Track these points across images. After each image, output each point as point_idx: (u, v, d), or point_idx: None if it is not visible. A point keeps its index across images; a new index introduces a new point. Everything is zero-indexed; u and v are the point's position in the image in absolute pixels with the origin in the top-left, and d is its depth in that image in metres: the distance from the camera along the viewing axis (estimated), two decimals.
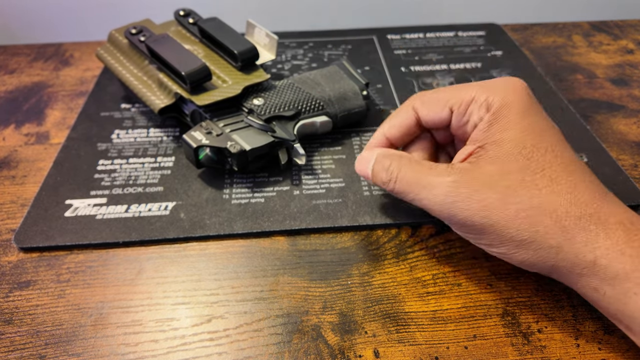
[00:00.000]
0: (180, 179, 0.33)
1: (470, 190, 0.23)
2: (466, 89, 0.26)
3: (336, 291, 0.26)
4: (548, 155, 0.23)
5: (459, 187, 0.23)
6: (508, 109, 0.24)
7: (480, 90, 0.25)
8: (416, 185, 0.25)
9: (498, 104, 0.24)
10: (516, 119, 0.24)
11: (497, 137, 0.24)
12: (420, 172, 0.25)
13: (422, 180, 0.25)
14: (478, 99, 0.25)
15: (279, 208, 0.31)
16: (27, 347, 0.24)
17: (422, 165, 0.26)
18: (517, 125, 0.23)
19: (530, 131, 0.23)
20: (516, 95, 0.24)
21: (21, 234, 0.29)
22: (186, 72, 0.32)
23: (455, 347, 0.24)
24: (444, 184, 0.24)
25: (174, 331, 0.25)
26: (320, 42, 0.50)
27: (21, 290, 0.27)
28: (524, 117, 0.24)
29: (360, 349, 0.24)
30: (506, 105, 0.24)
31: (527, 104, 0.24)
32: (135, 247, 0.29)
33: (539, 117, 0.24)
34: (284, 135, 0.32)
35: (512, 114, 0.24)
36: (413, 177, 0.25)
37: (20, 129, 0.39)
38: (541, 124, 0.24)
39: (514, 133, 0.23)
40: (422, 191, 0.25)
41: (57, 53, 0.49)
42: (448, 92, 0.27)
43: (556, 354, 0.24)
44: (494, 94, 0.25)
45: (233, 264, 0.28)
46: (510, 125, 0.24)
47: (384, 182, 0.27)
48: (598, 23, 0.55)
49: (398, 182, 0.26)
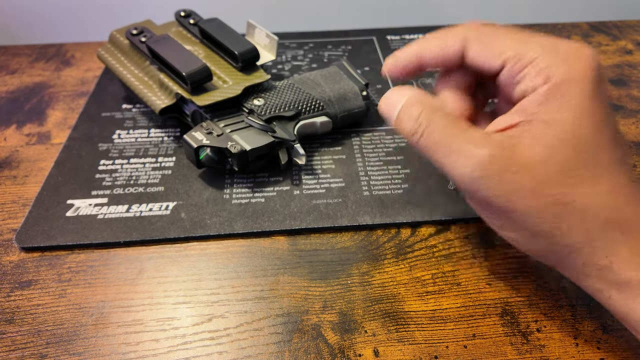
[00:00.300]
0: (181, 179, 0.33)
1: (504, 171, 0.20)
2: (530, 45, 0.21)
3: (336, 291, 0.27)
4: (598, 151, 0.20)
5: (493, 163, 0.20)
6: (570, 86, 0.20)
7: (544, 53, 0.21)
8: (445, 147, 0.21)
9: (559, 78, 0.20)
10: (577, 101, 0.20)
11: (549, 116, 0.20)
12: (452, 134, 0.21)
13: (453, 144, 0.21)
14: (539, 63, 0.21)
15: (279, 208, 0.31)
16: (28, 347, 0.24)
17: (456, 125, 0.22)
18: (576, 108, 0.20)
19: (589, 118, 0.20)
20: (584, 70, 0.20)
21: (22, 234, 0.29)
22: (187, 72, 0.32)
23: (455, 346, 0.24)
24: (477, 155, 0.20)
25: (174, 330, 0.25)
26: (320, 42, 0.50)
27: (22, 289, 0.27)
28: (586, 99, 0.20)
29: (360, 348, 0.24)
30: (569, 81, 0.20)
31: (594, 85, 0.20)
32: (136, 246, 0.29)
33: (603, 103, 0.20)
34: (284, 136, 0.32)
35: (574, 93, 0.20)
36: (443, 137, 0.22)
37: (22, 129, 0.39)
38: (602, 112, 0.20)
39: (570, 117, 0.20)
40: (450, 156, 0.21)
41: (58, 53, 0.49)
42: (508, 39, 0.22)
43: (555, 353, 0.24)
44: (559, 63, 0.20)
45: (233, 264, 0.28)
46: (569, 107, 0.20)
47: (408, 132, 0.23)
48: (597, 24, 0.55)
49: (425, 137, 0.22)
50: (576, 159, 0.20)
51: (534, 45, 0.21)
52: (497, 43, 0.22)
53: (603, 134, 0.20)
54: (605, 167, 0.20)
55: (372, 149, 0.36)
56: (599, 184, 0.20)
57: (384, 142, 0.37)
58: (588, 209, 0.20)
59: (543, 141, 0.20)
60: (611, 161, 0.20)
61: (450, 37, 0.24)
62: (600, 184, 0.20)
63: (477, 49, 0.23)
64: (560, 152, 0.20)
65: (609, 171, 0.20)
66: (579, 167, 0.20)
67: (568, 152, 0.20)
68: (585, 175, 0.20)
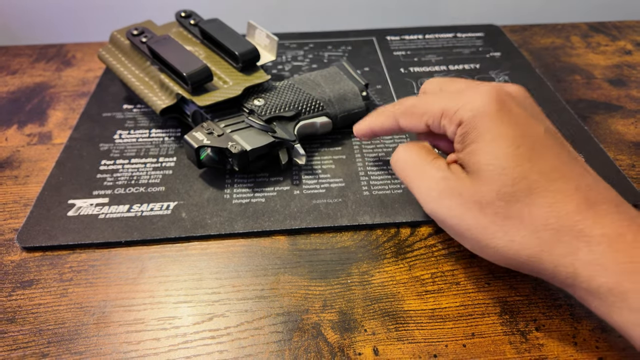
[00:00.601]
0: (181, 179, 0.33)
1: (454, 191, 0.23)
2: (438, 102, 0.26)
3: (336, 290, 0.27)
4: (525, 164, 0.22)
5: (446, 185, 0.24)
6: (477, 119, 0.23)
7: (449, 104, 0.25)
8: (415, 171, 0.26)
9: (467, 117, 0.24)
10: (485, 129, 0.23)
11: (470, 148, 0.24)
12: (422, 161, 0.26)
13: (421, 169, 0.26)
14: (447, 113, 0.25)
15: (280, 208, 0.31)
16: (29, 346, 0.24)
17: (427, 155, 0.26)
18: (487, 135, 0.23)
19: (503, 140, 0.22)
20: (485, 103, 0.23)
21: (24, 234, 0.29)
22: (187, 73, 0.32)
23: (454, 345, 0.24)
24: (435, 178, 0.24)
25: (175, 329, 0.25)
26: (320, 43, 0.50)
27: (24, 289, 0.27)
28: (494, 125, 0.23)
29: (360, 346, 0.24)
30: (475, 117, 0.23)
31: (497, 111, 0.23)
32: (137, 246, 0.29)
33: (514, 123, 0.23)
34: (285, 136, 0.32)
35: (482, 123, 0.23)
36: (415, 162, 0.26)
37: (23, 129, 0.39)
38: (517, 129, 0.23)
39: (484, 144, 0.23)
40: (418, 179, 0.25)
41: (59, 54, 0.50)
42: (422, 104, 0.27)
43: (554, 352, 0.24)
44: (463, 106, 0.24)
45: (234, 263, 0.28)
46: (480, 136, 0.23)
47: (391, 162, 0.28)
48: (596, 24, 0.56)
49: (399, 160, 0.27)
50: (507, 178, 0.22)
51: (442, 101, 0.26)
52: (416, 112, 0.27)
53: (523, 148, 0.22)
54: (537, 179, 0.21)
55: (372, 149, 0.36)
56: (538, 196, 0.21)
57: (384, 142, 0.37)
58: (535, 221, 0.21)
59: (474, 168, 0.23)
60: (541, 171, 0.22)
61: (385, 118, 0.29)
62: (538, 196, 0.21)
63: (405, 122, 0.28)
64: (489, 174, 0.22)
65: (546, 181, 0.21)
66: (511, 184, 0.22)
67: (495, 173, 0.22)
68: (521, 191, 0.22)
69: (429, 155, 0.26)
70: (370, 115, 0.31)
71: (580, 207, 0.21)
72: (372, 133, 0.31)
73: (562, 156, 0.23)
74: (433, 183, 0.24)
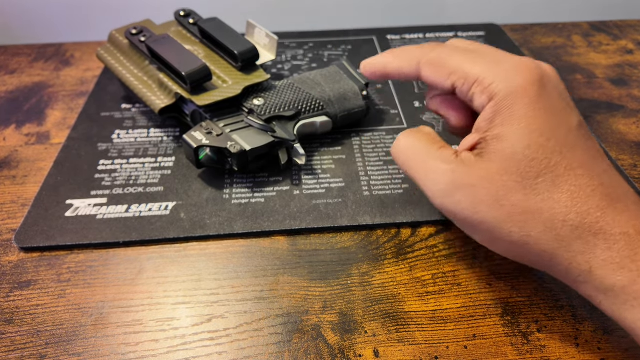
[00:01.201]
0: (180, 179, 0.33)
1: (465, 184, 0.22)
2: (473, 64, 0.23)
3: (336, 291, 0.27)
4: (555, 157, 0.21)
5: (455, 178, 0.22)
6: (513, 100, 0.21)
7: (486, 72, 0.22)
8: (419, 164, 0.24)
9: (502, 93, 0.21)
10: (522, 113, 0.21)
11: (499, 131, 0.21)
12: (426, 153, 0.23)
13: (426, 161, 0.23)
14: (482, 81, 0.22)
15: (279, 208, 0.31)
16: (27, 347, 0.24)
17: (432, 143, 0.24)
18: (523, 120, 0.21)
19: (537, 127, 0.21)
20: (524, 84, 0.21)
21: (22, 234, 0.29)
22: (186, 72, 0.32)
23: (455, 347, 0.24)
24: (442, 171, 0.22)
25: (174, 331, 0.25)
26: (320, 42, 0.50)
27: (22, 290, 0.27)
28: (530, 110, 0.21)
29: (360, 348, 0.24)
30: (512, 95, 0.21)
31: (537, 95, 0.21)
32: (136, 247, 0.29)
33: (551, 111, 0.21)
34: (284, 136, 0.32)
35: (518, 105, 0.21)
36: (418, 155, 0.24)
37: (21, 129, 0.39)
38: (553, 119, 0.21)
39: (517, 129, 0.21)
40: (424, 172, 0.23)
41: (58, 53, 0.49)
42: (455, 60, 0.24)
43: (556, 353, 0.24)
44: (500, 79, 0.22)
45: (233, 264, 0.28)
46: (514, 119, 0.21)
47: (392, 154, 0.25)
48: (597, 23, 0.55)
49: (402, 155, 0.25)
50: (532, 168, 0.21)
51: (478, 65, 0.23)
52: (445, 65, 0.24)
53: (556, 139, 0.21)
54: (563, 173, 0.21)
55: (372, 148, 0.36)
56: (559, 190, 0.20)
57: (384, 142, 0.36)
58: (553, 217, 0.20)
59: (498, 155, 0.21)
60: (570, 166, 0.21)
61: (405, 61, 0.26)
62: (560, 190, 0.20)
63: (428, 72, 0.25)
64: (515, 163, 0.21)
65: (571, 176, 0.21)
66: (536, 176, 0.21)
67: (523, 163, 0.21)
68: (544, 184, 0.21)
69: (434, 144, 0.24)
70: (387, 55, 0.27)
71: (601, 204, 0.20)
72: (384, 74, 0.27)
73: (591, 151, 0.22)
74: (440, 175, 0.22)
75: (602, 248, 0.20)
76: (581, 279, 0.21)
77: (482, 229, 0.22)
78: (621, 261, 0.19)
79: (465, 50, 0.24)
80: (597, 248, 0.20)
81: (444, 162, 0.22)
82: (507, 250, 0.22)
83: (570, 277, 0.21)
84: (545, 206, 0.20)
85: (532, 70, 0.22)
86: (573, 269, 0.20)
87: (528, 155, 0.21)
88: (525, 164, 0.21)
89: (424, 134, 0.25)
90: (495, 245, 0.23)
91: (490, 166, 0.21)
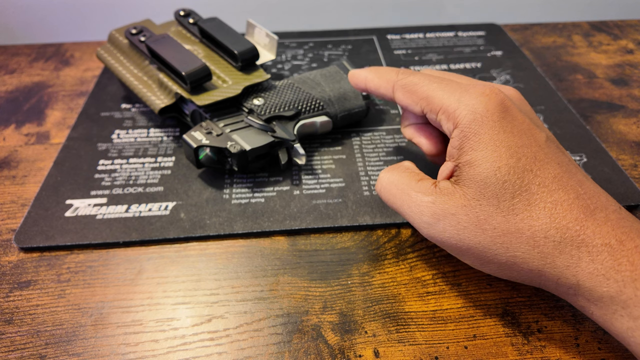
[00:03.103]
0: (180, 179, 0.33)
1: (446, 213, 0.22)
2: (440, 92, 0.24)
3: (336, 291, 0.26)
4: (526, 175, 0.21)
5: (436, 208, 0.22)
6: (479, 125, 0.22)
7: (451, 99, 0.23)
8: (403, 197, 0.24)
9: (466, 120, 0.22)
10: (488, 137, 0.22)
11: (469, 157, 0.22)
12: (408, 185, 0.24)
13: (408, 195, 0.24)
14: (447, 109, 0.23)
15: (279, 208, 0.31)
16: (27, 347, 0.24)
17: (412, 177, 0.25)
18: (489, 144, 0.22)
19: (505, 150, 0.21)
20: (488, 108, 0.22)
21: (21, 234, 0.29)
22: (186, 72, 0.32)
23: (455, 347, 0.24)
24: (424, 203, 0.23)
25: (174, 331, 0.25)
26: (320, 42, 0.50)
27: (21, 290, 0.27)
28: (496, 133, 0.22)
29: (360, 348, 0.24)
30: (476, 121, 0.22)
31: (501, 118, 0.22)
32: (136, 247, 0.29)
33: (517, 131, 0.22)
34: (284, 135, 0.32)
35: (483, 130, 0.22)
36: (401, 188, 0.24)
37: (21, 129, 0.39)
38: (519, 139, 0.22)
39: (486, 154, 0.22)
40: (407, 206, 0.24)
41: (58, 53, 0.49)
42: (425, 87, 0.25)
43: (556, 353, 0.24)
44: (464, 106, 0.23)
45: (233, 264, 0.28)
46: (482, 144, 0.22)
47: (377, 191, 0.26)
48: (598, 23, 0.55)
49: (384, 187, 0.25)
50: (506, 190, 0.21)
51: (445, 93, 0.24)
52: (417, 92, 0.25)
53: (525, 158, 0.21)
54: (537, 190, 0.21)
55: (372, 148, 0.36)
56: (537, 208, 0.21)
57: (384, 142, 0.36)
58: (535, 234, 0.21)
59: (472, 181, 0.22)
60: (543, 183, 0.21)
61: (384, 81, 0.28)
62: (537, 208, 0.21)
63: (401, 96, 0.26)
64: (489, 187, 0.21)
65: (545, 192, 0.21)
66: (512, 197, 0.21)
67: (496, 187, 0.21)
68: (521, 204, 0.21)
69: (413, 178, 0.25)
70: (372, 71, 0.29)
71: (579, 217, 0.20)
72: (365, 89, 0.29)
73: (563, 164, 0.22)
74: (422, 208, 0.23)
75: (586, 261, 0.20)
76: (572, 292, 0.21)
77: (470, 254, 0.23)
78: (606, 272, 0.19)
79: (437, 79, 0.25)
80: (582, 261, 0.20)
81: (425, 194, 0.23)
82: (498, 272, 0.23)
83: (561, 291, 0.21)
84: (525, 225, 0.21)
85: (494, 95, 0.23)
86: (562, 284, 0.21)
87: (500, 178, 0.21)
88: (499, 186, 0.21)
89: (404, 168, 0.26)
90: (486, 267, 0.23)
91: (467, 192, 0.22)
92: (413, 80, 0.26)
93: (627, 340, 0.20)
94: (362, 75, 0.29)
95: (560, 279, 0.20)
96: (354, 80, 0.30)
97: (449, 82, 0.25)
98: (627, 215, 0.21)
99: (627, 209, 0.31)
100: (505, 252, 0.21)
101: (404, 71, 0.27)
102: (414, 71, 0.27)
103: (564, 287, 0.21)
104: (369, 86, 0.29)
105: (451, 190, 0.23)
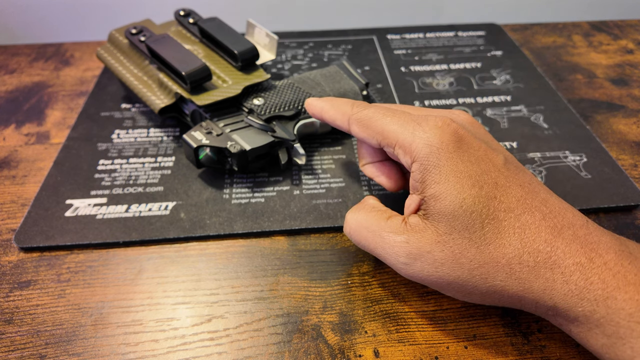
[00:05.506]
0: (180, 179, 0.33)
1: (422, 252, 0.22)
2: (396, 125, 0.24)
3: (336, 291, 0.26)
4: (491, 203, 0.21)
5: (411, 248, 0.22)
6: (436, 157, 0.22)
7: (406, 132, 0.23)
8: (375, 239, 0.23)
9: (423, 153, 0.22)
10: (447, 169, 0.22)
11: (433, 190, 0.22)
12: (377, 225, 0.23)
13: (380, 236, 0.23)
14: (402, 142, 0.23)
15: (279, 208, 0.31)
16: (27, 347, 0.24)
17: (380, 216, 0.24)
18: (450, 175, 0.21)
19: (467, 179, 0.21)
20: (443, 139, 0.22)
21: (21, 234, 0.29)
22: (186, 72, 0.32)
23: (455, 347, 0.24)
24: (397, 243, 0.22)
25: (174, 331, 0.25)
26: (320, 42, 0.50)
27: (21, 290, 0.27)
28: (455, 164, 0.22)
29: (360, 348, 0.24)
30: (432, 153, 0.22)
31: (457, 148, 0.22)
32: (136, 247, 0.29)
33: (474, 159, 0.22)
34: (284, 135, 0.32)
35: (442, 162, 0.22)
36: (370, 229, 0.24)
37: (21, 128, 0.39)
38: (478, 167, 0.22)
39: (448, 186, 0.21)
40: (381, 248, 0.23)
41: (58, 53, 0.49)
42: (380, 121, 0.25)
43: (556, 353, 0.24)
44: (419, 139, 0.22)
45: (233, 264, 0.28)
46: (443, 177, 0.22)
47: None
48: (598, 23, 0.55)
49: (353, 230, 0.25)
50: (474, 221, 0.21)
51: (400, 126, 0.24)
52: (372, 126, 0.25)
53: (487, 186, 0.21)
54: (504, 217, 0.21)
55: None
56: (506, 235, 0.21)
57: None
58: (509, 261, 0.21)
59: (441, 215, 0.22)
60: (508, 208, 0.21)
61: (339, 114, 0.27)
62: (506, 235, 0.21)
63: (357, 129, 0.26)
64: (458, 220, 0.21)
65: (512, 217, 0.21)
66: (481, 227, 0.21)
67: (464, 219, 0.21)
68: (491, 232, 0.21)
69: (381, 216, 0.24)
70: (327, 102, 0.28)
71: (548, 238, 0.20)
72: (321, 119, 0.29)
73: (524, 185, 0.22)
74: (397, 249, 0.22)
75: (560, 282, 0.20)
76: (550, 313, 0.21)
77: (451, 289, 0.22)
78: (579, 293, 0.20)
79: (390, 111, 0.25)
80: (556, 283, 0.20)
81: (397, 233, 0.23)
82: (482, 300, 0.23)
83: (540, 312, 0.21)
84: (499, 254, 0.21)
85: (446, 127, 0.23)
86: (540, 306, 0.21)
87: (467, 209, 0.21)
88: (467, 217, 0.21)
89: (370, 207, 0.25)
90: (470, 298, 0.23)
91: (438, 228, 0.22)
92: (367, 114, 0.26)
93: (603, 356, 0.20)
94: (318, 106, 0.29)
95: (539, 302, 0.21)
96: (310, 110, 0.29)
97: (402, 114, 0.24)
98: (595, 230, 0.21)
99: (627, 209, 0.31)
100: (484, 282, 0.21)
101: (359, 104, 0.27)
102: (368, 104, 0.27)
103: (542, 308, 0.21)
104: (324, 117, 0.28)
105: (422, 227, 0.22)
